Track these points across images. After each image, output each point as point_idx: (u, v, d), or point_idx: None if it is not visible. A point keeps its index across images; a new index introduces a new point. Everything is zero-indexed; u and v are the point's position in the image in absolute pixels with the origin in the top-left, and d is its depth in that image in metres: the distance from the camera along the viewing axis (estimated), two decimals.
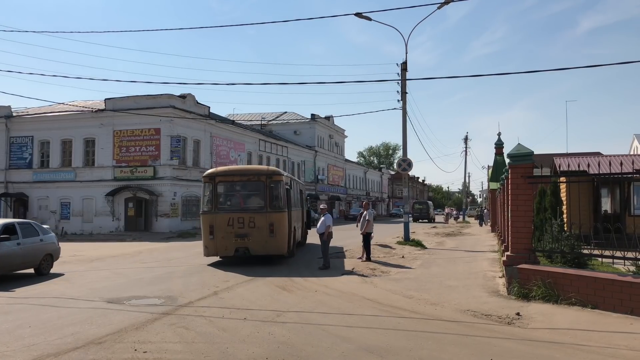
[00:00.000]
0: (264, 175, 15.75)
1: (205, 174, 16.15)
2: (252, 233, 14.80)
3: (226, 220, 14.86)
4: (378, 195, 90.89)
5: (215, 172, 16.24)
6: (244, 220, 14.88)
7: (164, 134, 34.41)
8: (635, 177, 15.34)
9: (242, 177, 16.25)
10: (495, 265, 14.35)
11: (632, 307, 7.75)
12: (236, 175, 16.33)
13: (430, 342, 6.67)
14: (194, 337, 6.93)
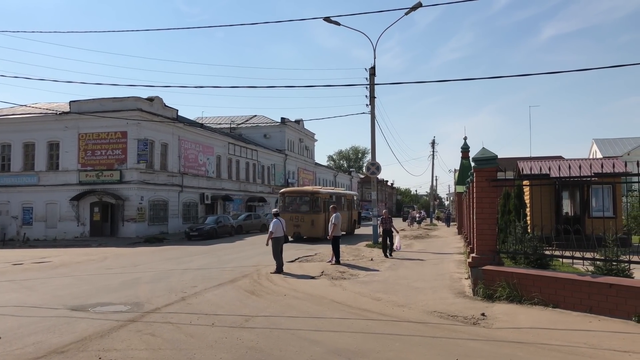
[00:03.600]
0: (309, 193, 28.27)
1: (281, 191, 29.46)
2: (302, 225, 26.56)
3: (289, 217, 25.10)
4: None
5: (285, 190, 29.66)
6: (298, 218, 26.58)
7: (131, 137, 33.83)
8: (593, 181, 15.84)
9: (298, 193, 29.11)
10: (462, 266, 14.61)
11: (591, 306, 8.01)
12: (295, 192, 29.44)
13: (398, 343, 6.76)
14: (161, 343, 6.85)
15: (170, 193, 37.27)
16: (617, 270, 8.74)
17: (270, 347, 6.61)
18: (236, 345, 6.71)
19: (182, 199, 38.81)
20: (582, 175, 9.85)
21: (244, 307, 9.33)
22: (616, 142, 62.74)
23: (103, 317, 8.60)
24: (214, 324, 7.96)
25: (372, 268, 14.99)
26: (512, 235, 11.27)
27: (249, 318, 8.37)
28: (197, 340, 6.97)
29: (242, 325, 7.88)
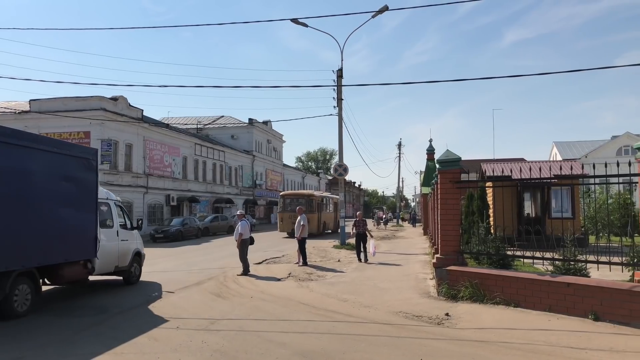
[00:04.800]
0: (306, 196, 34.04)
1: (281, 194, 35.14)
2: None
3: (289, 216, 28.67)
4: None
5: (284, 193, 35.64)
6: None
7: (94, 137, 33.08)
8: (553, 182, 16.29)
9: (296, 196, 34.61)
10: (427, 267, 14.81)
11: (550, 305, 8.25)
12: (293, 195, 35.01)
13: (364, 344, 6.82)
14: (124, 348, 6.73)
15: (135, 194, 36.60)
16: (575, 269, 9.01)
17: (235, 349, 6.58)
18: (201, 348, 6.65)
19: (147, 201, 38.17)
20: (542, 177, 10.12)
21: (209, 310, 9.24)
22: (575, 145, 64.75)
23: (64, 323, 8.38)
24: (178, 327, 7.86)
25: (339, 269, 15.06)
26: (476, 236, 11.51)
27: (215, 321, 8.30)
28: (161, 344, 6.88)
29: (208, 328, 7.81)
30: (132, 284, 12.59)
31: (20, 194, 8.43)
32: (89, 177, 10.60)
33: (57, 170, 9.49)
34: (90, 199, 10.60)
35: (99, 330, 7.72)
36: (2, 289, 8.15)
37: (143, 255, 13.50)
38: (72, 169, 9.99)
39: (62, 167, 9.66)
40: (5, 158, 8.08)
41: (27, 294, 8.83)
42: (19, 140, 8.57)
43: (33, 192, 8.78)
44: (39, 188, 8.95)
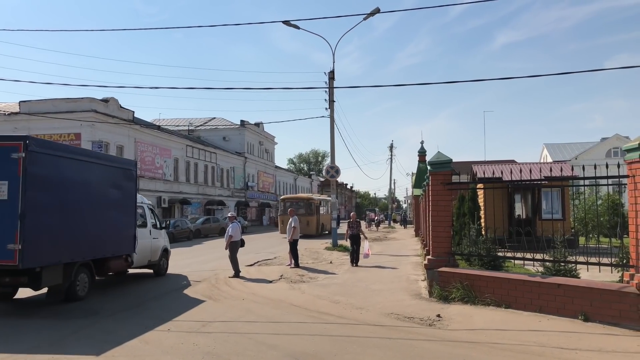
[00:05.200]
0: (305, 199, 35.69)
1: (281, 198, 39.25)
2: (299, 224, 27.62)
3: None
4: None
5: (285, 197, 38.56)
6: None
7: (85, 139, 32.90)
8: (543, 184, 16.41)
9: (296, 199, 36.10)
10: (418, 268, 14.85)
11: (541, 306, 8.30)
12: (293, 198, 36.58)
13: (355, 346, 6.82)
14: (115, 351, 6.68)
15: None
16: (565, 270, 9.08)
17: (227, 352, 6.56)
18: (192, 350, 6.62)
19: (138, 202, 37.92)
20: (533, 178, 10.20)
21: (201, 312, 9.21)
22: (565, 147, 65.24)
23: (55, 325, 8.31)
24: (169, 329, 7.83)
25: (331, 271, 15.06)
26: (467, 238, 11.56)
27: (206, 323, 8.27)
28: (152, 347, 6.84)
29: (199, 330, 7.78)
30: (161, 275, 14.43)
31: (81, 200, 10.34)
32: (130, 184, 12.53)
33: (107, 180, 11.44)
34: (131, 203, 12.60)
35: (90, 333, 7.67)
36: (68, 277, 9.97)
37: (169, 251, 15.34)
38: (117, 178, 11.93)
39: (111, 177, 11.62)
40: (71, 171, 10.04)
41: (85, 282, 10.66)
42: (81, 156, 10.75)
43: (90, 198, 10.69)
44: (95, 194, 10.86)
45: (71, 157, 10.20)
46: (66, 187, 9.88)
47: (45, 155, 9.35)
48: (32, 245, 8.79)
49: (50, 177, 9.44)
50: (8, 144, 8.93)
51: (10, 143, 8.94)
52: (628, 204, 7.77)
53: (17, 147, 8.78)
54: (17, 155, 8.72)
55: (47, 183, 9.34)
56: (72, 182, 10.08)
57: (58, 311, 9.48)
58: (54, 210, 9.48)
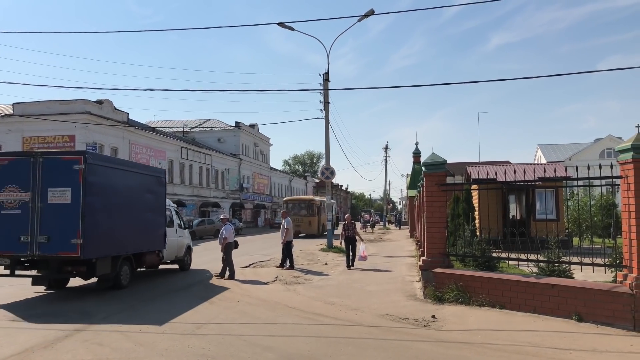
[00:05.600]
0: (307, 200, 38.57)
1: (284, 199, 41.76)
2: (301, 224, 34.67)
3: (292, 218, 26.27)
4: None
5: (288, 198, 40.61)
6: (298, 219, 34.08)
7: (79, 140, 32.78)
8: (537, 185, 16.47)
9: (298, 201, 39.27)
10: (413, 269, 14.88)
11: (535, 306, 8.33)
12: (295, 200, 39.39)
13: (351, 347, 6.83)
14: (109, 353, 6.66)
15: None
16: (559, 271, 9.12)
17: (222, 354, 6.54)
18: (187, 353, 6.61)
19: None
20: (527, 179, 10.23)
21: (196, 314, 9.19)
22: (559, 148, 65.58)
23: (47, 327, 8.27)
24: (164, 332, 7.80)
25: (326, 272, 15.07)
26: (462, 239, 11.59)
27: (201, 325, 8.25)
28: (146, 349, 6.82)
29: (194, 332, 7.76)
30: (185, 270, 16.13)
31: (124, 203, 12.19)
32: (160, 189, 14.38)
33: (143, 185, 13.30)
34: (162, 206, 14.43)
35: (84, 336, 7.63)
36: (115, 268, 11.84)
37: (192, 248, 17.14)
38: (151, 184, 13.79)
39: (145, 183, 13.49)
40: (116, 179, 11.94)
41: (127, 273, 12.54)
42: (123, 166, 12.99)
43: (131, 201, 12.54)
44: (134, 198, 12.74)
45: (116, 167, 12.29)
46: (113, 193, 11.77)
47: (99, 167, 11.22)
48: (90, 240, 10.58)
49: (102, 184, 11.27)
50: (71, 157, 11.00)
51: (73, 157, 11.00)
52: (621, 204, 7.82)
53: (78, 160, 10.67)
54: (78, 166, 10.60)
55: (100, 189, 11.16)
56: (118, 188, 11.98)
57: (47, 313, 9.45)
58: (105, 211, 11.30)
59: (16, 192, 10.76)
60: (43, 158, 10.97)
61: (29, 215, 10.63)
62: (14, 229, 10.64)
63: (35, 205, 10.64)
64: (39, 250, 10.60)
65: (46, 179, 10.70)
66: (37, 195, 10.66)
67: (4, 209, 10.74)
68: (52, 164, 10.87)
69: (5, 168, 10.92)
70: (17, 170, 10.83)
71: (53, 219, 10.58)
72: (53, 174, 10.73)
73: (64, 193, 10.61)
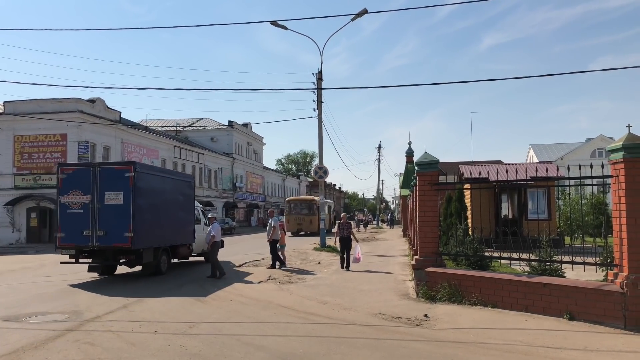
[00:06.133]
0: (308, 200, 39.61)
1: (287, 200, 42.48)
2: (303, 223, 37.11)
3: (294, 217, 36.27)
4: None
5: (290, 199, 41.73)
6: (300, 218, 37.50)
7: (71, 139, 32.60)
8: (529, 184, 16.55)
9: (300, 201, 40.44)
10: (406, 269, 14.90)
11: (527, 305, 8.37)
12: (298, 200, 40.58)
13: (343, 346, 6.83)
14: (100, 353, 6.63)
15: None
16: (551, 270, 9.18)
17: (214, 353, 6.53)
18: (179, 352, 6.59)
19: None
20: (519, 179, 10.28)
21: (188, 314, 9.16)
22: (551, 148, 65.93)
23: (38, 327, 8.23)
24: (156, 331, 7.78)
25: (319, 272, 15.07)
26: (454, 238, 11.63)
27: (194, 325, 8.23)
28: (138, 349, 6.79)
29: (186, 332, 7.74)
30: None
31: (163, 203, 14.62)
32: (190, 192, 16.94)
33: (177, 189, 15.78)
34: (191, 206, 16.87)
35: (75, 336, 7.59)
36: (156, 257, 14.25)
37: None
38: (183, 187, 16.31)
39: (179, 187, 15.97)
40: (158, 182, 14.50)
41: (165, 262, 15.04)
42: (162, 173, 16.16)
43: (168, 202, 14.98)
44: (170, 200, 15.17)
45: (157, 174, 14.89)
46: (155, 195, 14.12)
47: (144, 174, 13.61)
48: (139, 233, 12.86)
49: (146, 188, 13.61)
50: (123, 167, 13.48)
51: (124, 166, 13.49)
52: (612, 203, 7.87)
53: (129, 169, 13.13)
54: (128, 174, 12.98)
55: (145, 192, 13.49)
56: (158, 191, 14.36)
57: (38, 313, 9.40)
58: (149, 210, 13.57)
59: (79, 196, 13.17)
60: (100, 168, 13.34)
61: (89, 214, 12.99)
62: (78, 225, 13.04)
63: (94, 205, 13.01)
64: (98, 242, 12.98)
65: (103, 184, 13.05)
66: (96, 197, 13.02)
67: (70, 209, 13.15)
68: (107, 173, 13.24)
69: (70, 176, 13.35)
70: (79, 177, 13.25)
71: (109, 217, 12.90)
72: (108, 180, 13.07)
73: (118, 196, 12.98)
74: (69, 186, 13.27)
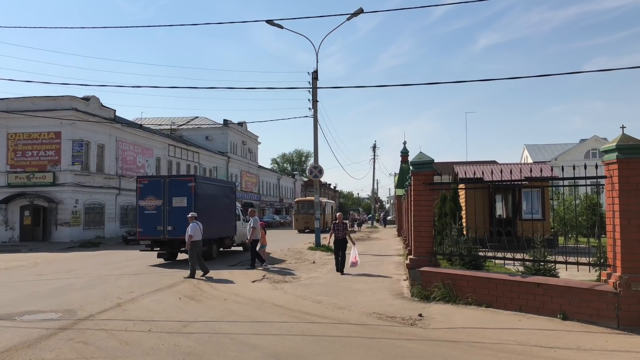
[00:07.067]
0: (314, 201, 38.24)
1: (295, 200, 48.69)
2: (309, 222, 38.38)
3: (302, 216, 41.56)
4: (291, 201, 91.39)
5: (299, 199, 47.15)
6: (308, 217, 39.97)
7: (65, 137, 32.44)
8: (524, 184, 16.60)
9: (307, 201, 42.84)
10: (401, 268, 14.92)
11: (521, 305, 8.40)
12: (306, 201, 43.64)
13: (338, 346, 6.83)
14: (94, 352, 6.60)
15: (107, 196, 36.00)
16: (545, 270, 9.20)
17: (208, 352, 6.52)
18: (173, 351, 6.57)
19: (120, 202, 37.59)
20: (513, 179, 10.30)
21: (182, 313, 9.14)
22: (545, 148, 66.14)
23: (31, 326, 8.19)
24: (150, 330, 7.75)
25: (314, 271, 15.05)
26: (449, 237, 11.64)
27: (188, 324, 8.21)
28: (132, 348, 6.77)
29: (180, 331, 7.72)
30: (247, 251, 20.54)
31: (214, 205, 18.82)
32: (232, 195, 21.69)
33: (223, 193, 20.35)
34: (234, 206, 21.44)
35: (68, 335, 7.56)
36: (209, 246, 17.63)
37: None
38: (227, 192, 21.12)
39: (225, 192, 20.73)
40: (211, 189, 19.26)
41: (215, 250, 18.77)
42: (213, 181, 22.07)
43: (217, 203, 19.20)
44: (219, 202, 19.41)
45: (210, 183, 20.06)
46: (209, 199, 18.26)
47: (201, 183, 18.19)
48: None
49: (203, 194, 17.86)
50: (186, 178, 18.84)
51: (188, 178, 19.00)
52: (606, 204, 7.90)
53: (191, 180, 17.78)
54: (190, 184, 17.45)
55: (202, 197, 17.69)
56: (211, 196, 18.65)
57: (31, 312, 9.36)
58: (204, 210, 16.71)
59: (153, 200, 17.52)
60: (169, 179, 17.99)
61: (161, 214, 17.37)
62: (152, 222, 17.40)
63: (164, 207, 17.32)
64: (168, 235, 17.24)
65: (171, 191, 17.38)
66: (166, 201, 17.32)
67: (147, 210, 17.59)
68: (174, 183, 17.76)
69: (147, 185, 17.82)
70: (153, 186, 17.70)
71: (175, 216, 17.04)
72: (175, 188, 17.42)
73: (182, 200, 17.22)
74: (145, 193, 17.57)
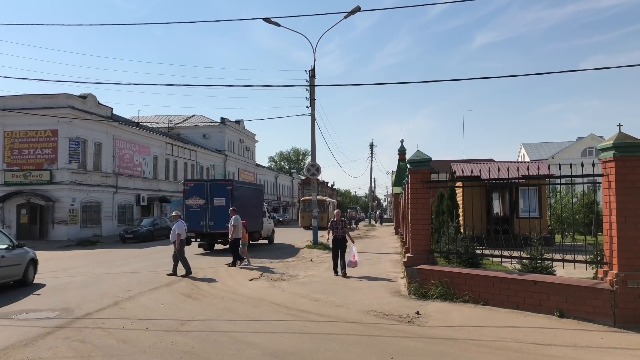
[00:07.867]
0: (319, 200, 37.80)
1: (302, 199, 51.60)
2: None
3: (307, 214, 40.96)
4: (289, 199, 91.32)
5: (304, 198, 49.42)
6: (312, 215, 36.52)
7: (62, 135, 32.32)
8: (521, 182, 16.62)
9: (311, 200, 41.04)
10: (398, 266, 14.94)
11: (518, 302, 8.42)
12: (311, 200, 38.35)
13: (335, 343, 6.84)
14: (91, 350, 6.60)
15: (104, 194, 35.93)
16: (542, 268, 9.21)
17: (206, 351, 6.52)
18: (171, 350, 6.57)
19: (117, 201, 37.51)
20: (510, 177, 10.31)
21: (180, 311, 9.14)
22: (542, 146, 66.21)
23: (28, 325, 8.18)
24: (148, 328, 7.75)
25: (312, 269, 15.07)
26: (446, 235, 11.65)
27: (185, 322, 8.21)
28: (129, 346, 6.77)
29: (178, 329, 7.72)
30: (272, 242, 26.68)
31: (246, 204, 21.96)
32: (261, 196, 26.20)
33: (253, 194, 24.42)
34: (261, 205, 25.59)
35: (65, 333, 7.55)
36: (254, 237, 22.60)
37: (274, 231, 28.03)
38: (257, 193, 25.49)
39: (255, 193, 25.02)
40: (244, 191, 23.54)
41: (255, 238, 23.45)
42: (245, 184, 29.49)
43: (248, 203, 22.55)
44: (249, 201, 22.90)
45: (244, 186, 24.83)
46: (242, 199, 21.65)
47: (238, 186, 22.26)
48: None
49: (238, 196, 21.40)
50: (226, 182, 22.45)
51: (227, 182, 22.49)
52: (602, 202, 7.92)
53: (229, 184, 21.61)
54: (229, 187, 21.27)
55: (237, 198, 21.04)
56: (244, 197, 22.33)
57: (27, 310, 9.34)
58: (239, 209, 17.79)
59: (197, 200, 21.19)
60: (211, 183, 22.14)
61: (204, 212, 20.93)
62: (197, 218, 20.82)
63: (207, 206, 20.96)
64: (209, 229, 20.72)
65: (212, 193, 21.15)
66: (208, 201, 21.02)
67: (192, 208, 21.11)
68: (215, 186, 21.63)
69: (192, 188, 21.59)
70: (198, 189, 21.49)
71: (216, 214, 20.62)
72: (216, 190, 21.20)
73: (222, 200, 20.82)
74: (191, 194, 21.30)
